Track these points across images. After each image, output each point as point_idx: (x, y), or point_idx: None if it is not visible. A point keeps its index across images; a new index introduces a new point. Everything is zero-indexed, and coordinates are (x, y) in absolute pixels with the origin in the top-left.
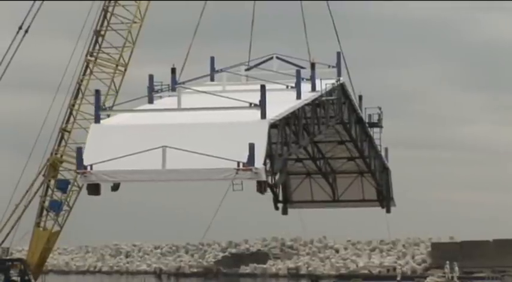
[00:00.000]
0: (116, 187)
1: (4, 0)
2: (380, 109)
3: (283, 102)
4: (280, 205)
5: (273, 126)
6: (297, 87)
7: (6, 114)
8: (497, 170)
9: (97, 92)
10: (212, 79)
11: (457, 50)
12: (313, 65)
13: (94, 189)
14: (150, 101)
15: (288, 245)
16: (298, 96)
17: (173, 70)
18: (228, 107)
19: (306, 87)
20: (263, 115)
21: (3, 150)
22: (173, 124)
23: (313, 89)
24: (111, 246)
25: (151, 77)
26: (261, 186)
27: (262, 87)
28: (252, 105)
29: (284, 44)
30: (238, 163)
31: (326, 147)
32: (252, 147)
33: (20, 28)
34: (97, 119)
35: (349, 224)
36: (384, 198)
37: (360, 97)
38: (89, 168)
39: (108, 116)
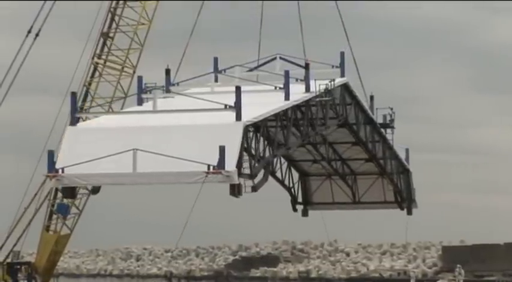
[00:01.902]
0: (96, 190)
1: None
2: (392, 109)
3: (269, 103)
4: (299, 207)
5: (256, 128)
6: (285, 88)
7: (16, 118)
8: (508, 173)
9: (73, 95)
10: (216, 80)
11: (462, 53)
12: (307, 66)
13: (69, 192)
14: (139, 103)
15: (299, 248)
16: (287, 97)
17: (167, 71)
18: (203, 109)
19: (301, 88)
20: (238, 117)
21: (13, 154)
22: (147, 126)
23: (308, 89)
24: (122, 250)
25: (140, 79)
26: (234, 190)
27: (237, 89)
28: (227, 107)
29: (290, 44)
30: (209, 166)
31: (342, 149)
32: (222, 150)
33: (29, 32)
34: (73, 122)
35: (360, 227)
36: (403, 200)
37: (371, 97)
38: (60, 171)
39: (82, 119)
